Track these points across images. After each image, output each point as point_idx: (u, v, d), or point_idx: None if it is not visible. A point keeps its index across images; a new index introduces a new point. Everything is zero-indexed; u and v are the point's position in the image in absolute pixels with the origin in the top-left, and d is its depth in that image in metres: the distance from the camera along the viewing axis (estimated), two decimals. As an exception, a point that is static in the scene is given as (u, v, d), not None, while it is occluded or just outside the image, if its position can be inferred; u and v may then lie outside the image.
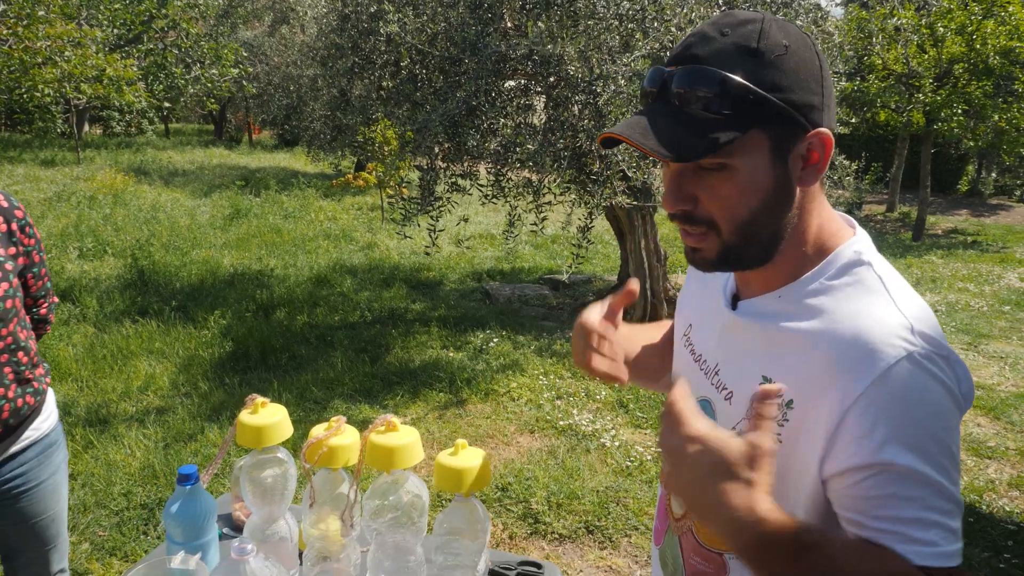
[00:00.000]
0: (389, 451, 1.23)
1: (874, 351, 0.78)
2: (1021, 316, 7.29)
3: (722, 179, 0.82)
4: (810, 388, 0.82)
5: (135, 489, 3.38)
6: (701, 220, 0.85)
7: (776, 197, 0.83)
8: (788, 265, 0.88)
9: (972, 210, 15.82)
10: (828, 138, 0.82)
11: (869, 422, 0.76)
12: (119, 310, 5.88)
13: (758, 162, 0.81)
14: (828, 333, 0.82)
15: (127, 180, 12.19)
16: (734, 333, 0.96)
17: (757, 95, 0.78)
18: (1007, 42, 10.52)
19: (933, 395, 0.77)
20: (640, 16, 4.75)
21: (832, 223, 0.90)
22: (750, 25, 0.81)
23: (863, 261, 0.87)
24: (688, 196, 0.84)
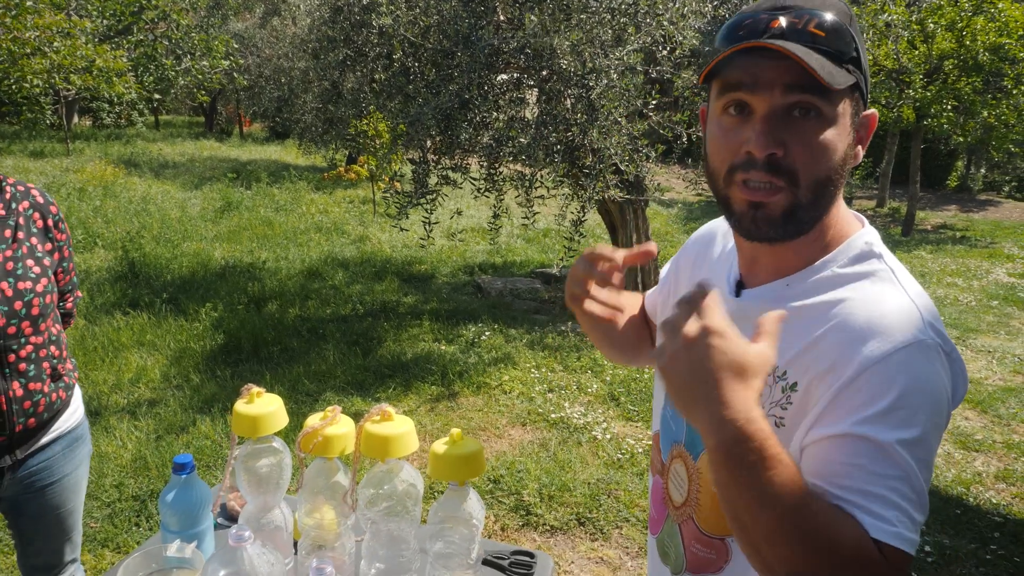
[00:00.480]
0: (384, 440, 1.24)
1: (887, 332, 0.79)
2: (1008, 311, 7.36)
3: (816, 128, 0.82)
4: (816, 368, 0.83)
5: (127, 481, 3.38)
6: (785, 170, 0.83)
7: (845, 161, 0.85)
8: (805, 248, 0.89)
9: (961, 205, 15.93)
10: (874, 119, 0.87)
11: (866, 395, 0.77)
12: (110, 302, 5.86)
13: (845, 119, 0.84)
14: (841, 316, 0.83)
15: (117, 172, 12.11)
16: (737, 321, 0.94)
17: (857, 48, 0.83)
18: (996, 38, 10.58)
19: (934, 385, 0.78)
20: (632, 10, 4.76)
21: (847, 212, 0.92)
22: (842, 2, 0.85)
23: (874, 252, 0.88)
24: (781, 141, 0.82)
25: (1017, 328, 6.77)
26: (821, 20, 0.81)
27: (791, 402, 0.85)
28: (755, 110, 0.83)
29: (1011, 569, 3.12)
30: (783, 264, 0.90)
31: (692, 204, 13.54)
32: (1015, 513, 3.58)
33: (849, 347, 0.80)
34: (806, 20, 0.81)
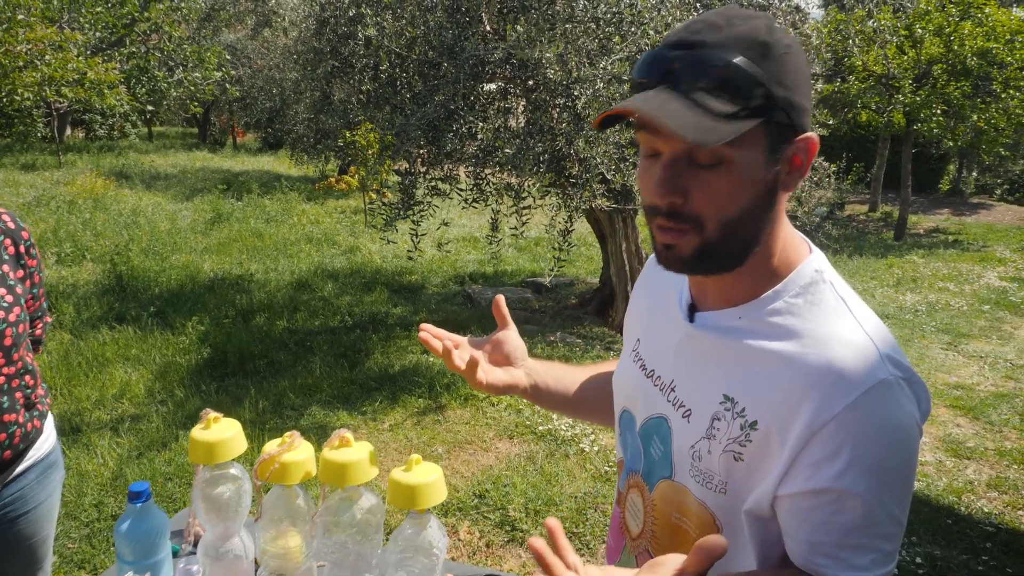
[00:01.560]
0: (342, 467, 1.21)
1: (847, 376, 0.77)
2: (1000, 315, 7.35)
3: (718, 174, 0.78)
4: (776, 410, 0.81)
5: (106, 500, 3.34)
6: (688, 217, 0.81)
7: (764, 198, 0.81)
8: (751, 277, 0.86)
9: (953, 209, 15.95)
10: (815, 144, 0.81)
11: (835, 446, 0.76)
12: (96, 316, 5.82)
13: (755, 159, 0.79)
14: (799, 356, 0.81)
15: (108, 184, 12.07)
16: (692, 347, 0.93)
17: (765, 88, 0.76)
18: (984, 43, 10.62)
19: (901, 422, 0.77)
20: (617, 20, 4.75)
21: (793, 238, 0.89)
22: (758, 20, 0.79)
23: (824, 280, 0.86)
24: (681, 189, 0.80)
25: (1009, 332, 6.76)
26: (712, 66, 0.76)
27: (751, 440, 0.83)
28: (661, 154, 0.81)
29: (1002, 580, 3.09)
30: (730, 291, 0.88)
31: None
32: (1007, 522, 3.55)
33: (810, 392, 0.79)
34: (694, 68, 0.77)
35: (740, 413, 0.85)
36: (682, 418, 0.92)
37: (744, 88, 0.76)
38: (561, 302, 7.08)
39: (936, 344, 6.33)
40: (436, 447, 4.01)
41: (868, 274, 9.09)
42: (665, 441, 0.95)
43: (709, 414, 0.88)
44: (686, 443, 0.91)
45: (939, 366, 5.75)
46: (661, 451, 0.96)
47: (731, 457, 0.85)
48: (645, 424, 1.00)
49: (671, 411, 0.94)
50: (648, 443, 0.99)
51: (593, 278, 7.92)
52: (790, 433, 0.79)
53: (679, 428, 0.92)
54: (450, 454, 3.95)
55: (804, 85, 0.80)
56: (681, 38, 0.79)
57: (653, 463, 0.98)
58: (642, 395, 1.01)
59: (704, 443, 0.88)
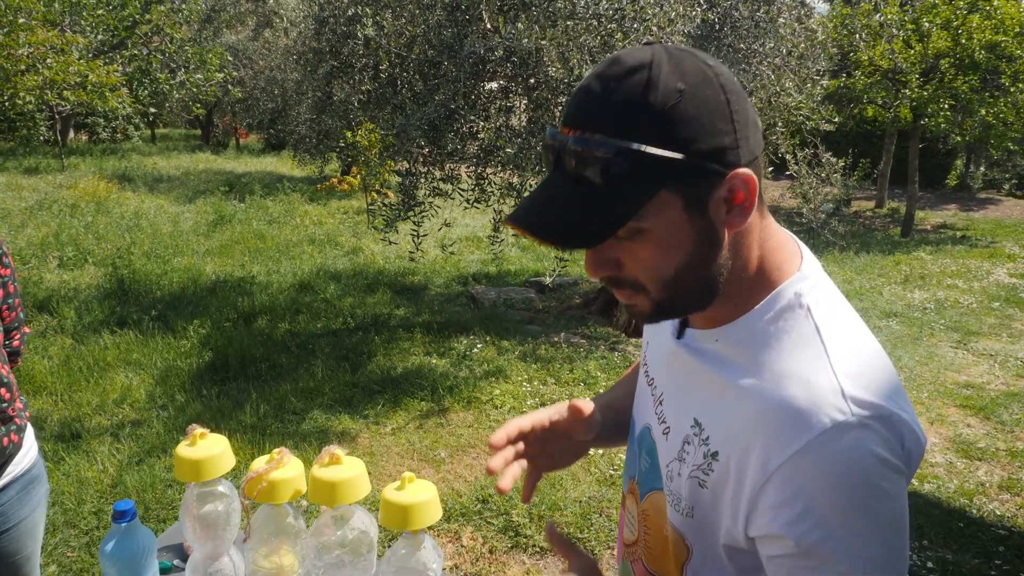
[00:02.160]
0: (332, 486, 1.16)
1: (798, 419, 0.72)
2: (1010, 312, 7.26)
3: (640, 244, 0.75)
4: (736, 444, 0.77)
5: (106, 508, 3.29)
6: (627, 283, 0.79)
7: (701, 249, 0.76)
8: (730, 300, 0.82)
9: (961, 204, 15.84)
10: (750, 177, 0.73)
11: (789, 493, 0.71)
12: (97, 320, 5.78)
13: (674, 221, 0.73)
14: (755, 392, 0.77)
15: (110, 187, 12.06)
16: (676, 364, 0.91)
17: (655, 157, 0.70)
18: (992, 36, 10.52)
19: (856, 464, 0.70)
20: (619, 16, 4.69)
21: (777, 253, 0.82)
22: (637, 75, 0.71)
23: (802, 304, 0.80)
24: (610, 261, 0.77)
25: (1019, 330, 6.68)
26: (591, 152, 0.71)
27: (712, 469, 0.80)
28: None
29: (1016, 584, 3.03)
30: (714, 313, 0.84)
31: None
32: (1020, 525, 3.48)
33: (761, 432, 0.75)
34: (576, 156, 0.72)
35: (705, 441, 0.82)
36: (662, 434, 0.91)
37: (631, 165, 0.70)
38: (565, 302, 7.02)
39: (945, 342, 6.26)
40: (439, 451, 3.96)
41: (876, 271, 9.00)
42: (652, 453, 0.94)
43: (682, 436, 0.86)
44: (664, 460, 0.90)
45: (948, 365, 5.68)
46: (648, 463, 0.95)
47: (696, 483, 0.83)
48: (641, 432, 0.99)
49: (655, 424, 0.93)
50: (641, 451, 0.98)
51: (597, 277, 7.85)
52: (746, 472, 0.76)
53: (660, 443, 0.91)
54: (453, 458, 3.90)
55: (715, 122, 0.72)
56: (568, 110, 0.75)
57: (644, 472, 0.97)
58: (643, 401, 1.00)
59: (676, 464, 0.86)
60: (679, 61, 0.73)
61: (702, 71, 0.73)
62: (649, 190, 0.71)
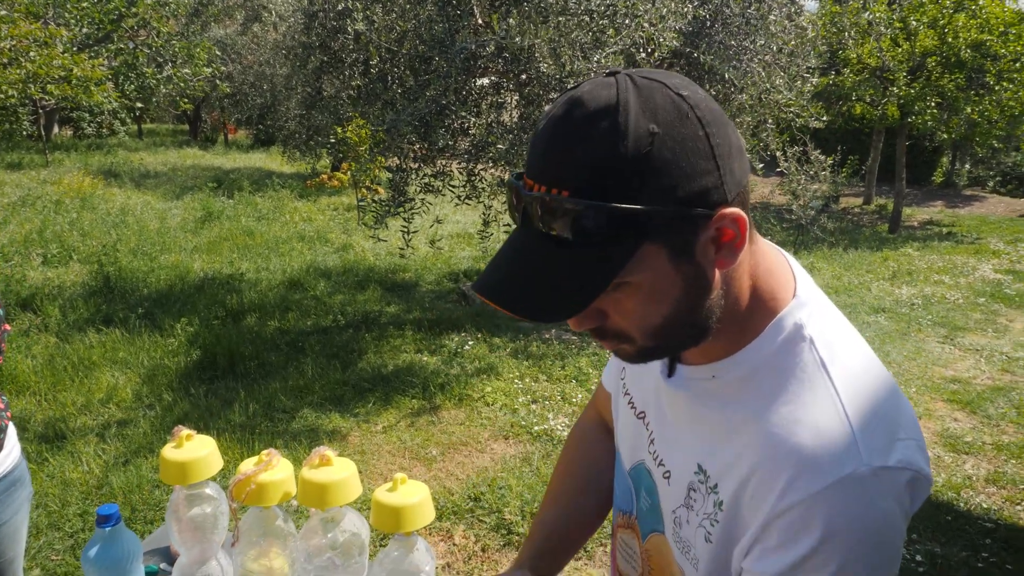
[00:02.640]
0: (322, 487, 1.14)
1: (811, 466, 0.68)
2: (996, 308, 7.31)
3: (626, 295, 0.69)
4: (743, 490, 0.74)
5: (91, 509, 3.25)
6: (611, 334, 0.74)
7: (690, 295, 0.71)
8: (726, 334, 0.76)
9: (947, 201, 15.94)
10: (738, 216, 0.67)
11: (789, 538, 0.69)
12: (82, 319, 5.72)
13: (659, 272, 0.68)
14: (763, 433, 0.72)
15: (96, 183, 11.94)
16: (669, 404, 0.86)
17: (629, 214, 0.63)
18: (978, 35, 10.59)
19: (871, 519, 0.67)
20: (611, 12, 4.67)
21: (770, 279, 0.77)
22: (603, 122, 0.64)
23: (804, 336, 0.75)
24: (594, 312, 0.72)
25: (1004, 325, 6.73)
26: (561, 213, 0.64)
27: (718, 520, 0.76)
28: None
29: (1005, 579, 3.04)
30: (708, 347, 0.78)
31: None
32: (1006, 518, 3.50)
33: (771, 478, 0.70)
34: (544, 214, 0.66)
35: (712, 489, 0.78)
36: (663, 477, 0.86)
37: (608, 224, 0.64)
38: (555, 299, 7.01)
39: (932, 337, 6.29)
40: (430, 449, 3.94)
41: (864, 267, 9.04)
42: (652, 494, 0.88)
43: (686, 482, 0.81)
44: (669, 506, 0.85)
45: (936, 360, 5.71)
46: (650, 503, 0.90)
47: (703, 535, 0.78)
48: (635, 468, 0.94)
49: (654, 466, 0.88)
50: (639, 488, 0.93)
51: (587, 274, 7.85)
52: (754, 516, 0.72)
53: (662, 488, 0.86)
54: (444, 456, 3.88)
55: (695, 162, 0.65)
56: (533, 161, 0.68)
57: (643, 512, 0.92)
58: (632, 434, 0.95)
59: (683, 511, 0.82)
60: (648, 96, 0.65)
61: (675, 105, 0.65)
62: (630, 247, 0.65)
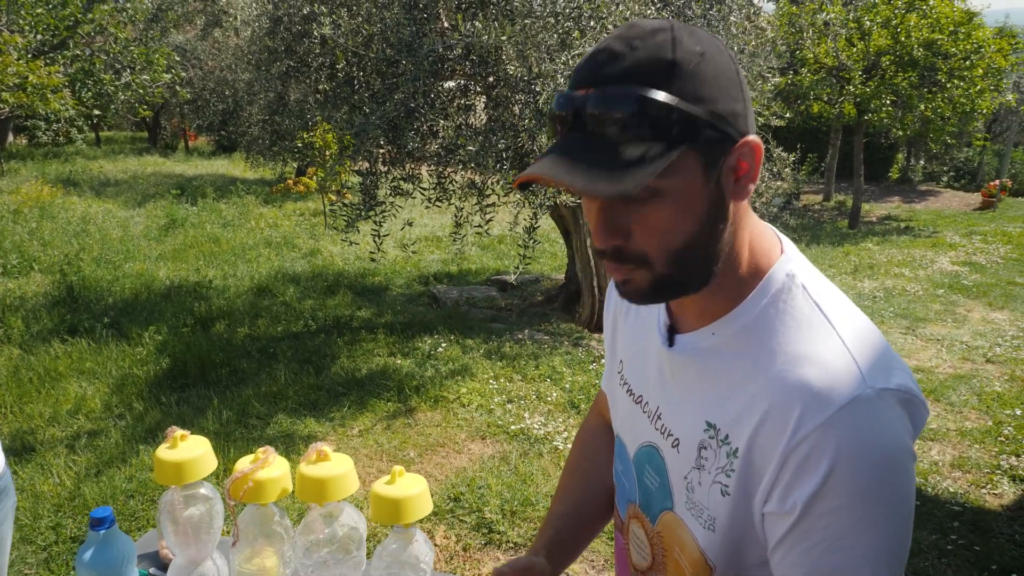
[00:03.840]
0: (320, 483, 1.15)
1: (821, 394, 0.72)
2: (954, 299, 7.53)
3: (655, 207, 0.73)
4: (754, 434, 0.76)
5: (64, 521, 3.20)
6: (633, 256, 0.76)
7: (711, 217, 0.75)
8: (723, 291, 0.81)
9: (903, 197, 16.35)
10: (757, 145, 0.74)
11: (809, 467, 0.71)
12: (47, 329, 5.61)
13: (691, 183, 0.73)
14: (770, 374, 0.76)
15: (55, 192, 11.68)
16: (672, 371, 0.89)
17: (682, 111, 0.70)
18: (929, 34, 10.88)
19: (883, 440, 0.71)
20: (577, 14, 4.72)
21: (762, 239, 0.83)
22: (660, 35, 0.72)
23: (796, 283, 0.80)
24: (622, 229, 0.75)
25: (963, 315, 6.93)
26: (618, 105, 0.70)
27: (735, 469, 0.78)
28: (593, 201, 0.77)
29: (971, 558, 3.15)
30: (708, 306, 0.83)
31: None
32: (972, 501, 3.62)
33: (783, 413, 0.74)
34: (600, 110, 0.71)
35: (724, 440, 0.80)
36: (672, 448, 0.88)
37: (657, 121, 0.70)
38: (527, 299, 7.05)
39: (895, 329, 6.46)
40: (408, 451, 3.95)
41: (826, 262, 9.24)
42: (660, 471, 0.91)
43: (696, 443, 0.84)
44: (680, 474, 0.87)
45: (899, 350, 5.86)
46: (658, 482, 0.92)
47: (719, 490, 0.81)
48: (637, 453, 0.96)
49: (660, 440, 0.90)
50: (641, 472, 0.95)
51: (558, 274, 7.91)
52: (768, 455, 0.75)
53: (671, 458, 0.89)
54: (422, 458, 3.89)
55: (730, 88, 0.74)
56: (585, 74, 0.73)
57: (650, 494, 0.94)
58: (632, 422, 0.97)
59: (695, 473, 0.84)
60: (692, 29, 0.74)
61: (714, 40, 0.75)
62: (673, 146, 0.70)
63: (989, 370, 5.41)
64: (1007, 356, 5.70)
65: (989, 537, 3.30)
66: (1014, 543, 3.25)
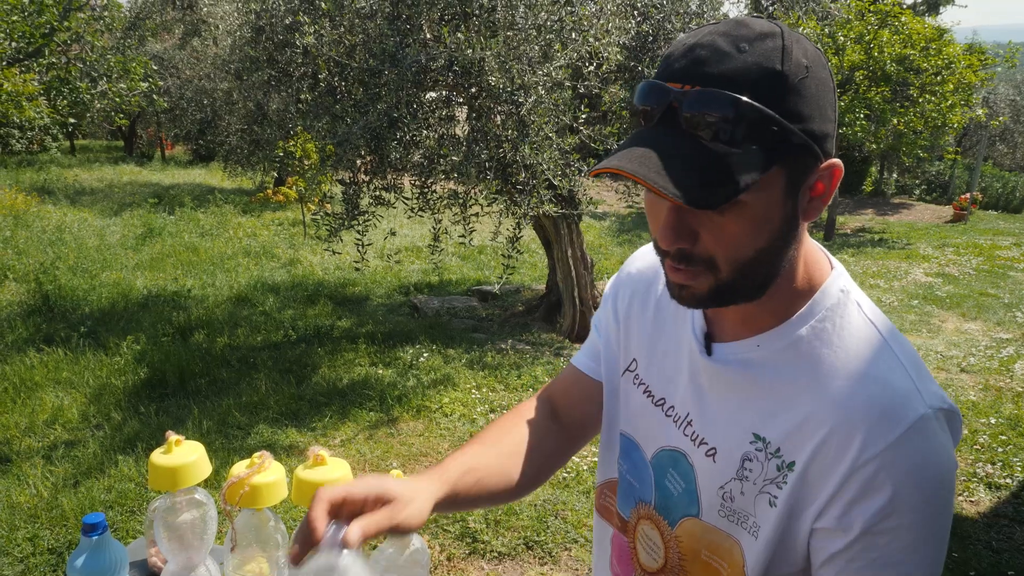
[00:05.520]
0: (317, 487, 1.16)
1: (888, 414, 0.73)
2: (928, 309, 7.66)
3: (732, 217, 0.71)
4: (816, 450, 0.76)
5: (42, 532, 3.15)
6: (699, 259, 0.74)
7: (783, 233, 0.75)
8: (776, 303, 0.80)
9: (877, 209, 16.62)
10: (839, 169, 0.74)
11: (875, 485, 0.72)
12: (22, 339, 5.52)
13: (772, 198, 0.72)
14: (833, 390, 0.76)
15: (29, 200, 11.52)
16: (711, 381, 0.87)
17: (782, 126, 0.68)
18: (902, 50, 11.11)
19: (942, 460, 0.73)
20: (558, 27, 4.78)
21: (813, 254, 0.82)
22: (770, 41, 0.69)
23: (851, 300, 0.81)
24: (689, 232, 0.73)
25: (937, 326, 7.05)
26: (717, 107, 0.67)
27: (787, 482, 0.78)
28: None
29: (949, 565, 3.20)
30: (751, 319, 0.81)
31: (624, 216, 13.73)
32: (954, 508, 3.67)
33: (850, 431, 0.74)
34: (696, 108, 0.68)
35: (775, 453, 0.79)
36: (705, 456, 0.86)
37: (755, 133, 0.68)
38: (508, 309, 7.06)
39: (871, 339, 6.55)
40: (391, 461, 3.93)
41: (803, 273, 9.35)
42: (687, 478, 0.89)
43: (739, 454, 0.82)
44: (714, 483, 0.86)
45: (875, 360, 5.95)
46: (683, 487, 0.90)
47: (766, 500, 0.80)
48: (658, 455, 0.94)
49: (690, 447, 0.88)
50: (662, 476, 0.93)
51: (539, 284, 7.93)
52: (830, 471, 0.75)
53: (703, 467, 0.87)
54: (405, 468, 3.88)
55: (827, 107, 0.72)
56: (684, 67, 0.70)
57: (671, 498, 0.92)
58: (650, 423, 0.95)
59: (736, 484, 0.83)
60: (800, 39, 0.71)
61: (819, 55, 0.72)
62: (767, 161, 0.69)
63: (963, 379, 5.51)
64: (981, 366, 5.80)
65: (967, 544, 3.36)
66: (991, 549, 3.31)
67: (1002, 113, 18.39)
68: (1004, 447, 4.31)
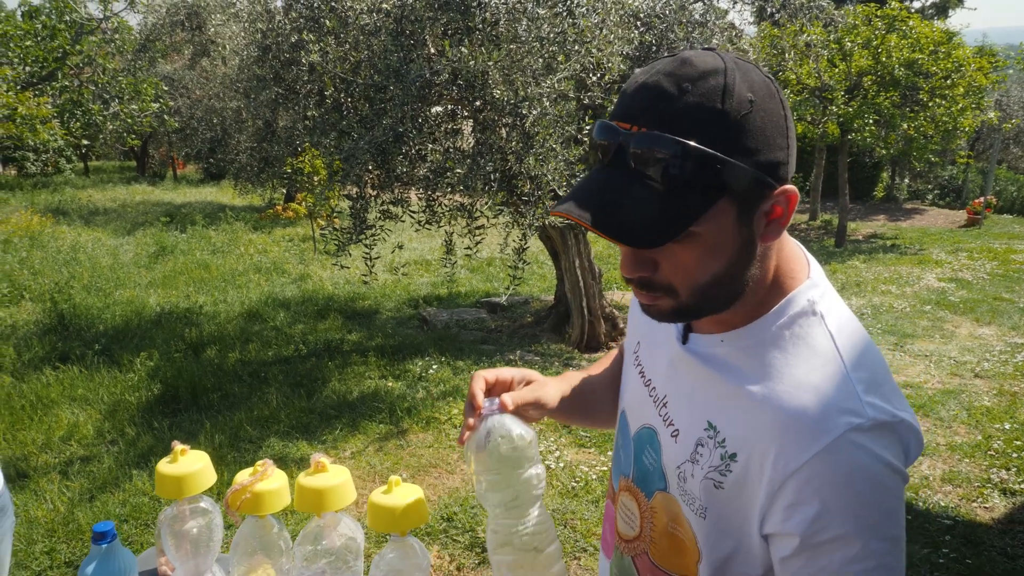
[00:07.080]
0: (318, 493, 1.18)
1: (817, 424, 0.76)
2: (941, 315, 7.61)
3: (685, 247, 0.76)
4: (753, 446, 0.80)
5: (58, 546, 3.19)
6: (659, 286, 0.80)
7: (739, 258, 0.79)
8: (748, 306, 0.84)
9: (889, 215, 16.54)
10: (794, 195, 0.77)
11: (806, 494, 0.75)
12: (38, 357, 5.59)
13: (724, 229, 0.76)
14: (774, 396, 0.80)
15: (44, 221, 11.69)
16: (682, 368, 0.93)
17: (726, 163, 0.72)
18: (910, 54, 11.08)
19: (870, 470, 0.74)
20: (561, 39, 4.82)
21: (790, 262, 0.86)
22: (712, 79, 0.72)
23: (815, 311, 0.83)
24: (649, 262, 0.79)
25: (950, 331, 7.00)
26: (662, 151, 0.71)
27: (731, 470, 0.82)
28: None
29: (964, 571, 3.17)
30: (726, 315, 0.85)
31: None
32: (964, 514, 3.64)
33: (782, 436, 0.77)
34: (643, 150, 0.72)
35: (721, 443, 0.84)
36: (670, 436, 0.92)
37: (699, 170, 0.71)
38: (517, 321, 7.08)
39: (883, 345, 6.52)
40: (400, 472, 3.95)
41: (813, 280, 9.31)
42: (657, 456, 0.95)
43: (694, 438, 0.87)
44: (673, 462, 0.91)
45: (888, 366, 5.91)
46: (654, 463, 0.95)
47: (711, 484, 0.84)
48: (639, 432, 1.00)
49: (661, 426, 0.94)
50: (640, 451, 0.99)
51: (547, 295, 7.95)
52: (764, 473, 0.78)
53: (667, 445, 0.92)
54: (415, 479, 3.89)
55: (776, 137, 0.75)
56: (630, 108, 0.75)
57: (647, 472, 0.97)
58: (639, 402, 1.01)
59: (688, 466, 0.88)
60: (746, 72, 0.75)
61: (767, 84, 0.76)
62: (712, 196, 0.73)
63: (978, 385, 5.46)
64: (995, 371, 5.75)
65: (981, 550, 3.33)
66: (1005, 556, 3.28)
67: (1015, 116, 18.21)
68: (1019, 452, 4.27)
